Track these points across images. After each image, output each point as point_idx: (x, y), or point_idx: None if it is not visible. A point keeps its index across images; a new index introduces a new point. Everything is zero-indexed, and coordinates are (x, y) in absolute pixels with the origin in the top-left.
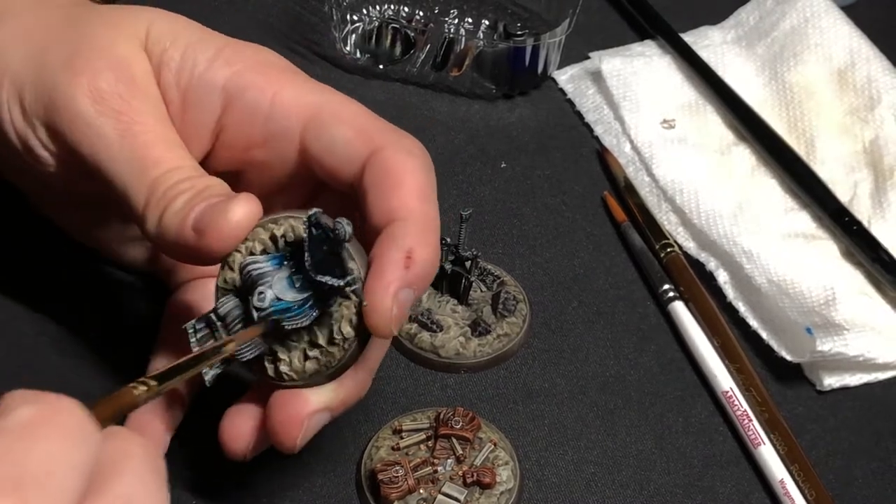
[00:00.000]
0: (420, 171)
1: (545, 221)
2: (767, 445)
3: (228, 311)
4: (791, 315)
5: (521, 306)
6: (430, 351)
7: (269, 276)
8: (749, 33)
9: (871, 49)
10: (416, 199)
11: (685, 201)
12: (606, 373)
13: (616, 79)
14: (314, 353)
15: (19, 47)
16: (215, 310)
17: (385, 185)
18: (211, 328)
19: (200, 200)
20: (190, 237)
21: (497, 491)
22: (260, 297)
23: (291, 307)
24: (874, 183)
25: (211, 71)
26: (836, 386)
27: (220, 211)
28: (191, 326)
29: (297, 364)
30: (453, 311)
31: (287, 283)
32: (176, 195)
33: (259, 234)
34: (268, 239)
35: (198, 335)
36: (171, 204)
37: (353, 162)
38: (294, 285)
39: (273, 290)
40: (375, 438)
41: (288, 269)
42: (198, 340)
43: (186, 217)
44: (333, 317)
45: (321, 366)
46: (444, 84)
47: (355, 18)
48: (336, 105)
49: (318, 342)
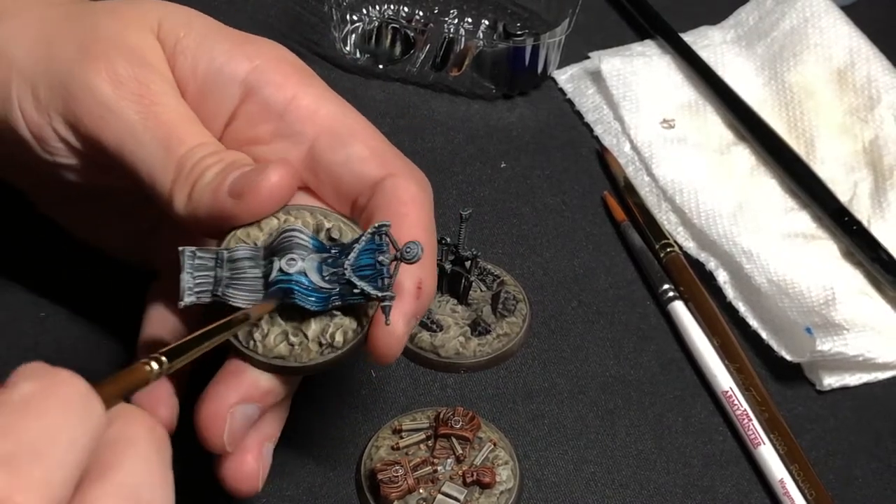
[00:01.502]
0: (427, 203)
1: (545, 221)
2: (767, 445)
3: (242, 257)
4: (791, 315)
5: (520, 306)
6: (429, 351)
7: (304, 252)
8: (749, 33)
9: (870, 49)
10: (424, 230)
11: (685, 201)
12: (606, 372)
13: (616, 79)
14: (295, 339)
15: (23, 43)
16: (229, 248)
17: (397, 212)
18: (216, 263)
19: (233, 170)
20: (226, 203)
21: (497, 490)
22: (290, 261)
23: (308, 288)
24: (874, 183)
25: (231, 63)
26: (835, 386)
27: (259, 174)
28: (189, 251)
29: (270, 340)
30: (453, 311)
31: (316, 267)
32: (205, 169)
33: (305, 216)
34: (311, 223)
35: (196, 261)
36: (202, 177)
37: (364, 180)
38: (321, 273)
39: (303, 263)
40: (375, 438)
41: (321, 257)
42: (193, 266)
43: (220, 185)
44: (333, 320)
45: (290, 355)
46: (443, 84)
47: (355, 18)
48: (353, 121)
49: (305, 332)
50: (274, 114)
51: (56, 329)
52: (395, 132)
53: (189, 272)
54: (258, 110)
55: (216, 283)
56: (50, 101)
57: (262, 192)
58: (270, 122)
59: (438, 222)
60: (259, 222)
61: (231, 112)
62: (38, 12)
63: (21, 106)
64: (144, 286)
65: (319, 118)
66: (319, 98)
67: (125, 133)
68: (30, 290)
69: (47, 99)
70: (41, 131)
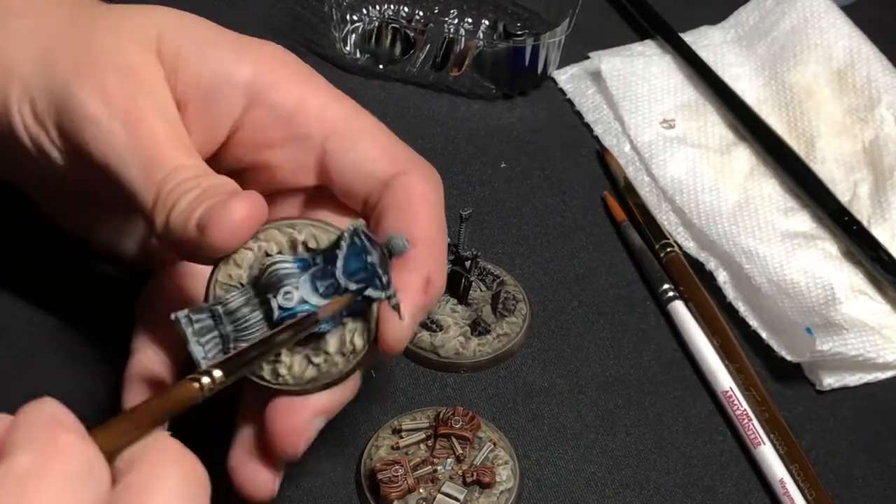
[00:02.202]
0: (438, 200)
1: (545, 221)
2: (767, 445)
3: (239, 306)
4: (791, 315)
5: (520, 306)
6: (429, 350)
7: (294, 278)
8: (749, 33)
9: (871, 49)
10: (435, 227)
11: (685, 201)
12: (606, 372)
13: (616, 79)
14: (318, 359)
15: (26, 49)
16: (221, 303)
17: (408, 209)
18: (214, 320)
19: (206, 199)
20: (193, 235)
21: (497, 490)
22: (287, 296)
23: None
24: (874, 183)
25: (234, 70)
26: (835, 386)
27: (222, 208)
28: (184, 317)
29: (296, 369)
30: (453, 311)
31: (311, 286)
32: (182, 193)
33: (275, 236)
34: (285, 242)
35: (196, 325)
36: (178, 203)
37: (374, 179)
38: (317, 290)
39: (299, 291)
40: (375, 438)
41: (311, 273)
42: (196, 331)
43: (191, 215)
44: (346, 328)
45: (320, 374)
46: (443, 84)
47: (355, 18)
48: (362, 121)
49: (326, 349)
50: (282, 118)
51: (53, 330)
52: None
53: (195, 341)
54: (265, 115)
55: (225, 341)
56: (46, 111)
57: (224, 227)
58: (279, 127)
59: None
60: (233, 259)
61: (236, 119)
62: (44, 16)
63: (21, 112)
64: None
65: (328, 119)
66: (327, 99)
67: (112, 150)
68: (27, 292)
69: (43, 109)
70: (39, 140)
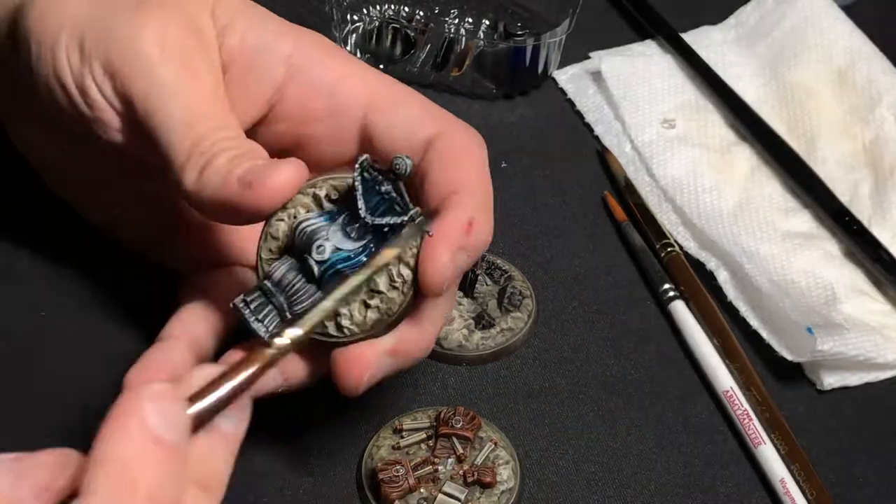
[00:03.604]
0: (482, 153)
1: (545, 221)
2: (768, 445)
3: (283, 274)
4: (791, 314)
5: (527, 302)
6: None
7: (324, 231)
8: (749, 33)
9: (871, 49)
10: (478, 175)
11: (685, 201)
12: (607, 372)
13: (616, 79)
14: (375, 301)
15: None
16: (268, 276)
17: (451, 160)
18: (267, 295)
19: (246, 160)
20: (233, 191)
21: (498, 490)
22: (319, 249)
23: (351, 255)
24: (874, 183)
25: (278, 41)
26: (836, 385)
27: (270, 168)
28: (240, 301)
29: (357, 316)
30: (458, 304)
31: (342, 234)
32: (220, 151)
33: (299, 200)
34: (310, 202)
35: (252, 305)
36: (215, 159)
37: (417, 139)
38: (350, 235)
39: (331, 241)
40: (376, 438)
41: (340, 222)
42: (252, 311)
43: (231, 172)
44: None
45: (382, 313)
46: (444, 84)
47: (356, 18)
48: (400, 89)
49: (377, 289)
50: (325, 90)
51: (56, 329)
52: None
53: (255, 320)
54: (307, 89)
55: (281, 311)
56: (94, 48)
57: (272, 185)
58: (322, 99)
59: None
60: (269, 234)
61: (274, 88)
62: None
63: (68, 53)
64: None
65: (368, 90)
66: (366, 75)
67: (156, 95)
68: (30, 290)
69: (92, 46)
70: (82, 80)
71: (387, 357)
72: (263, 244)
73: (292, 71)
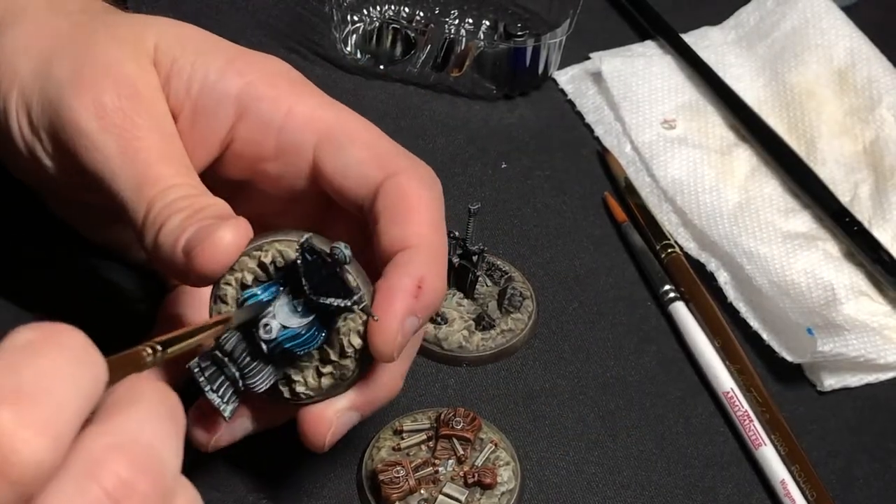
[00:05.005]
0: (433, 200)
1: (546, 222)
2: (768, 446)
3: (234, 346)
4: (792, 315)
5: (527, 303)
6: (433, 343)
7: (269, 307)
8: (750, 34)
9: (871, 49)
10: (428, 228)
11: (686, 202)
12: (607, 373)
13: (616, 79)
14: (327, 368)
15: (27, 56)
16: (219, 346)
17: (398, 211)
18: (218, 365)
19: (195, 221)
20: (179, 258)
21: (498, 491)
22: (266, 329)
23: (300, 332)
24: (875, 183)
25: (223, 81)
26: (836, 387)
27: (209, 233)
28: (195, 365)
29: (312, 382)
30: (458, 305)
31: (289, 308)
32: (172, 213)
33: (247, 264)
34: (256, 267)
35: (206, 373)
36: (167, 222)
37: (365, 184)
38: (296, 310)
39: (277, 319)
40: (376, 439)
41: (286, 295)
42: (207, 379)
43: (179, 238)
44: (341, 331)
45: (336, 379)
46: (444, 84)
47: (356, 19)
48: (351, 124)
49: (329, 358)
50: (273, 128)
51: None
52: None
53: (210, 389)
54: (257, 127)
55: (235, 383)
56: (41, 121)
57: (209, 253)
58: (272, 137)
59: None
60: (219, 296)
61: (226, 130)
62: (48, 22)
63: (18, 119)
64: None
65: (316, 126)
66: (315, 106)
67: (104, 164)
68: (28, 293)
69: (38, 119)
70: (33, 148)
71: (348, 413)
72: (214, 307)
73: (241, 110)
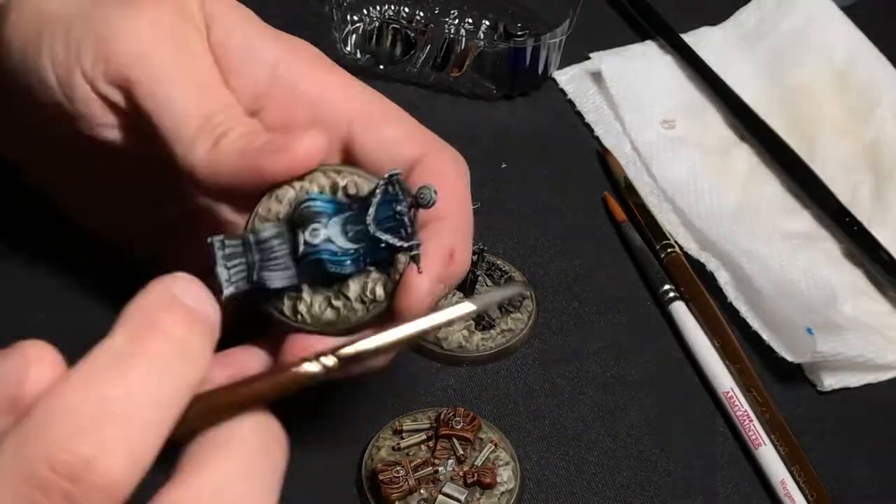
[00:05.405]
0: (464, 178)
1: (545, 222)
2: (768, 446)
3: (270, 237)
4: (792, 315)
5: (527, 302)
6: (432, 342)
7: (325, 218)
8: (750, 34)
9: (871, 50)
10: (460, 203)
11: (686, 201)
12: (607, 373)
13: (616, 79)
14: (338, 303)
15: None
16: (255, 232)
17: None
18: (245, 249)
19: (260, 132)
20: (252, 159)
21: (498, 491)
22: (314, 232)
23: (338, 253)
24: (874, 183)
25: (264, 47)
26: (836, 386)
27: (292, 137)
28: (218, 241)
29: (316, 308)
30: None
31: (340, 230)
32: (232, 126)
33: (318, 178)
34: (326, 185)
35: (227, 251)
36: (229, 132)
37: (400, 159)
38: (346, 234)
39: (327, 230)
40: (376, 439)
41: (343, 217)
42: (225, 256)
43: (251, 141)
44: (371, 276)
45: (339, 318)
46: (444, 84)
47: (356, 19)
48: (385, 105)
49: (346, 294)
50: (306, 101)
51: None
52: None
53: (223, 263)
54: (290, 98)
55: (250, 269)
56: (83, 42)
57: (294, 153)
58: (305, 109)
59: None
60: (276, 194)
61: (257, 93)
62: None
63: (53, 51)
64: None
65: (352, 106)
66: (351, 87)
67: (157, 78)
68: (29, 291)
69: (81, 40)
70: (68, 76)
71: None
72: (265, 201)
73: (276, 81)
